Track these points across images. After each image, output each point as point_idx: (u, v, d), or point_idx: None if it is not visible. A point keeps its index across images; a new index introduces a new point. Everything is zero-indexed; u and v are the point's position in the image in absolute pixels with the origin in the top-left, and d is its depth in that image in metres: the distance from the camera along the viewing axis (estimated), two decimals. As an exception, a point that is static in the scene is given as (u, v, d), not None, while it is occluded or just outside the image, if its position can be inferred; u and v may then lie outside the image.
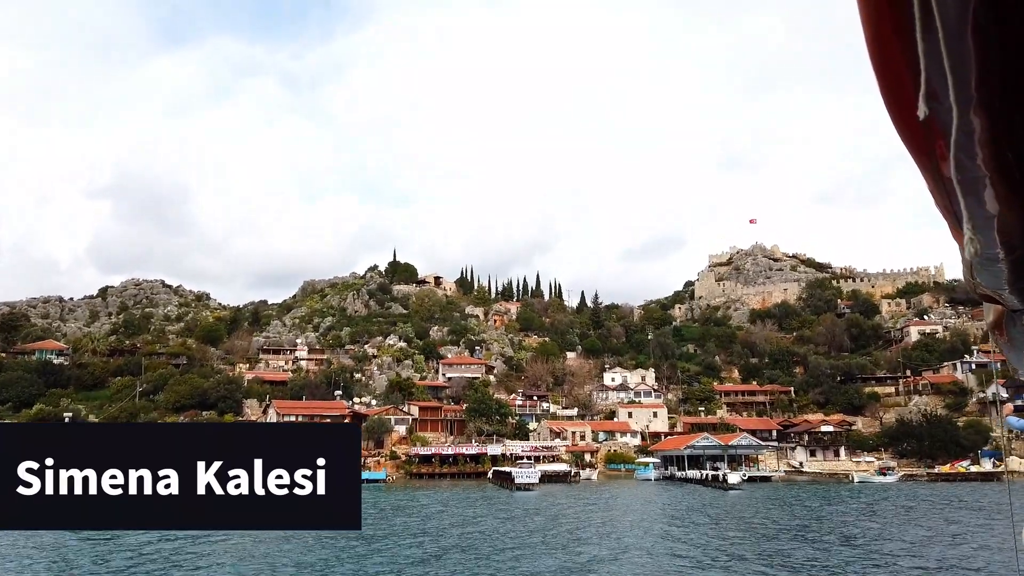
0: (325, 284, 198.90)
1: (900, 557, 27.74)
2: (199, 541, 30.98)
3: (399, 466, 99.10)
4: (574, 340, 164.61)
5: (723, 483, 69.08)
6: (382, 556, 27.93)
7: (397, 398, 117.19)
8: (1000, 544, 28.04)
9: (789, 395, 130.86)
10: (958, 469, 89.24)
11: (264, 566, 25.55)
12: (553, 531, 35.35)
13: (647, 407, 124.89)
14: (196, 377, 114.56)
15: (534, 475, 70.57)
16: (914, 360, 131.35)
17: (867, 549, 30.45)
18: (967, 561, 26.55)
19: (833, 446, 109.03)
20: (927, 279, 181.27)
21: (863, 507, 49.32)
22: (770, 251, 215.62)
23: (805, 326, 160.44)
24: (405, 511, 44.60)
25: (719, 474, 71.52)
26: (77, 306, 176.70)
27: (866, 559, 27.68)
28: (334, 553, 28.13)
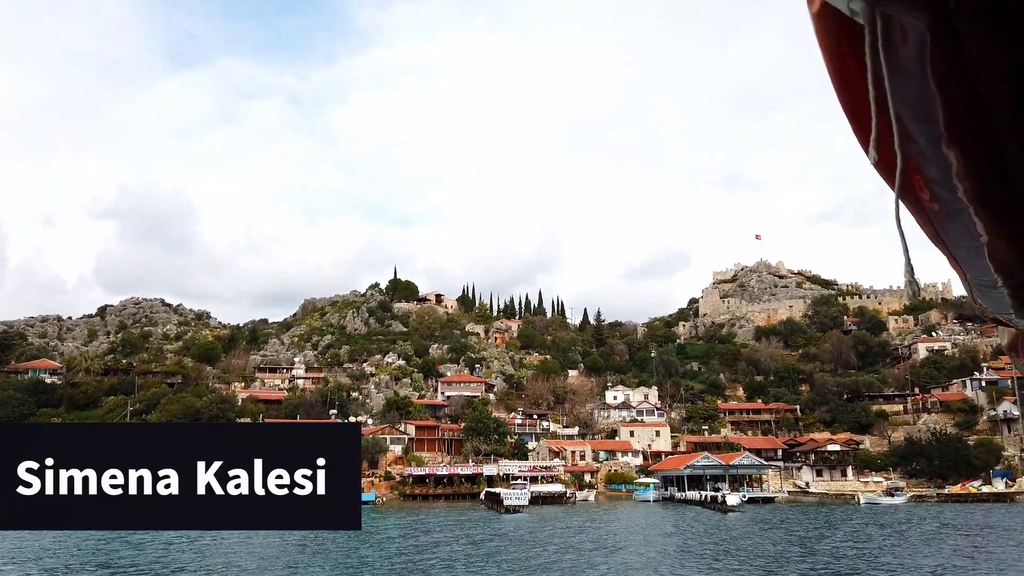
0: (326, 302, 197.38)
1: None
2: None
3: (393, 487, 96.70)
4: (576, 358, 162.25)
5: (722, 505, 66.27)
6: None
7: (394, 417, 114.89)
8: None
9: (795, 413, 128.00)
10: (969, 489, 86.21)
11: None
12: (512, 560, 32.91)
13: (649, 426, 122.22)
14: (189, 396, 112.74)
15: (524, 496, 67.80)
16: (922, 377, 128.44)
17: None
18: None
19: (840, 466, 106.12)
20: (935, 295, 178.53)
21: (884, 533, 46.66)
22: (775, 268, 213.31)
23: (811, 343, 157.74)
24: (361, 536, 41.77)
25: (718, 495, 68.71)
26: (75, 325, 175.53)
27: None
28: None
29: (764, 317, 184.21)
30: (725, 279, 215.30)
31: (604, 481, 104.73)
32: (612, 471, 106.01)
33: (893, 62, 1.33)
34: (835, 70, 1.51)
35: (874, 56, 1.33)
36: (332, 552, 34.82)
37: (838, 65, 1.50)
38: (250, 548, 35.35)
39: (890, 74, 1.34)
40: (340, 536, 37.72)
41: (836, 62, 1.49)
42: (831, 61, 1.50)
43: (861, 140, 1.57)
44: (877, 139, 1.48)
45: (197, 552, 34.83)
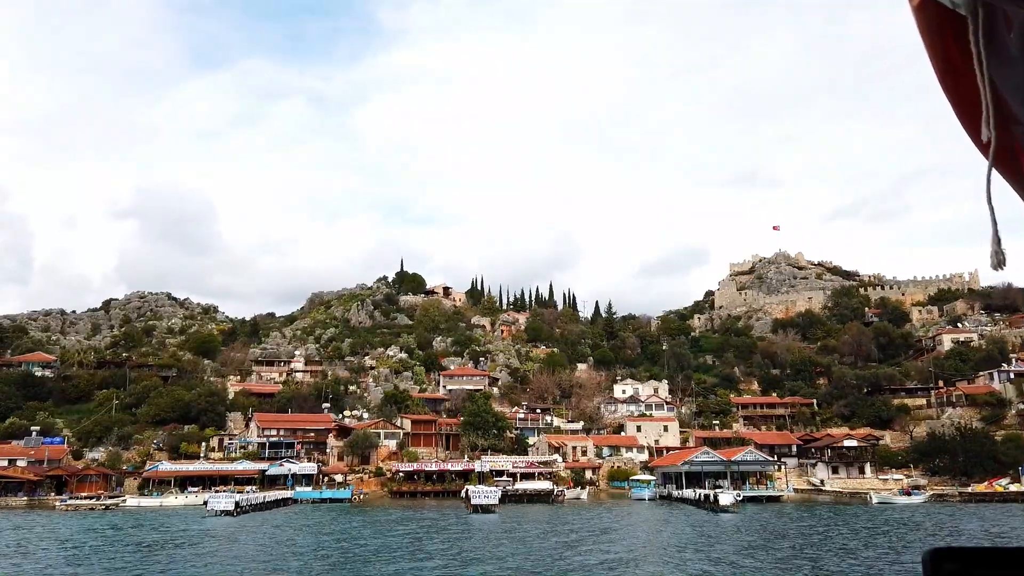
0: (333, 296, 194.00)
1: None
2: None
3: (383, 483, 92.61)
4: (585, 351, 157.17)
5: (714, 504, 60.76)
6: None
7: (391, 411, 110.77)
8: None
9: (811, 408, 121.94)
10: (996, 488, 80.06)
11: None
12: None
13: (658, 420, 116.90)
14: (179, 390, 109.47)
15: (493, 495, 62.88)
16: (947, 370, 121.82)
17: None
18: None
19: (858, 462, 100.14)
20: (961, 286, 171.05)
21: (885, 540, 41.38)
22: (794, 259, 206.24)
23: (830, 335, 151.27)
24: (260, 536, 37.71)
25: (710, 495, 63.20)
26: (79, 319, 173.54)
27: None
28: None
29: (782, 309, 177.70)
30: (743, 270, 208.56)
31: (606, 478, 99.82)
32: (615, 467, 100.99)
33: (997, 49, 1.41)
34: (938, 58, 1.58)
35: (977, 44, 1.41)
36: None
37: (941, 54, 1.57)
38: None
39: (994, 61, 1.42)
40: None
41: (939, 51, 1.56)
42: (933, 50, 1.57)
43: (965, 124, 1.63)
44: (985, 121, 1.53)
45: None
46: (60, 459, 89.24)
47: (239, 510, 62.37)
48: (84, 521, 57.26)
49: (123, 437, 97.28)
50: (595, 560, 30.91)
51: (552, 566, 28.72)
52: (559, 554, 33.06)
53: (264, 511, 67.99)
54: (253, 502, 68.32)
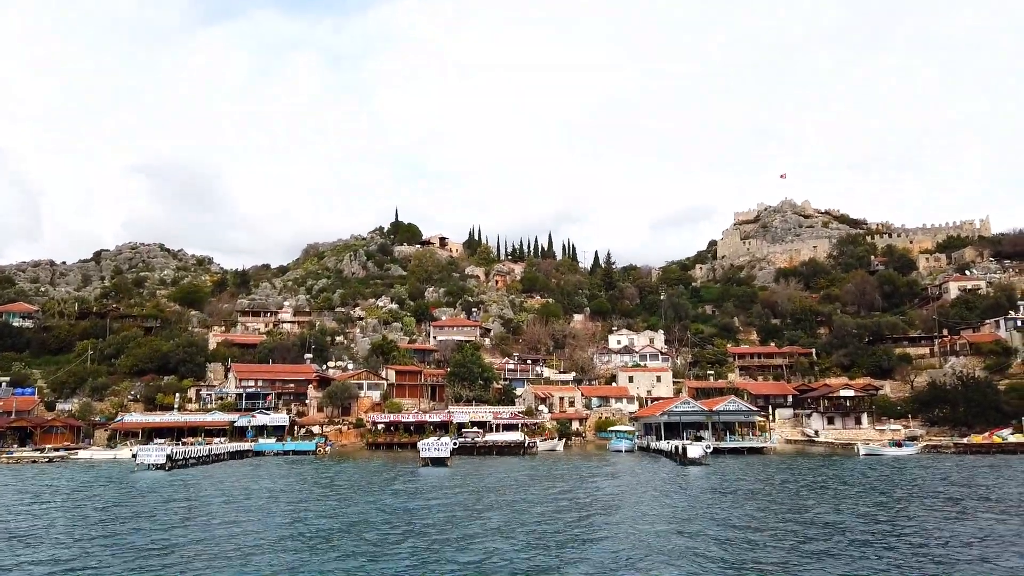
0: (327, 247, 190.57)
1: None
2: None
3: (362, 435, 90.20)
4: (582, 302, 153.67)
5: (682, 457, 57.33)
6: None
7: (376, 362, 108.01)
8: None
9: (810, 357, 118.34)
10: (995, 439, 76.55)
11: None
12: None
13: (651, 371, 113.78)
14: (157, 340, 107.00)
15: (445, 448, 59.57)
16: (952, 318, 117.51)
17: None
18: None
19: (855, 412, 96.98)
20: (971, 233, 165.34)
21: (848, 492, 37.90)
22: (800, 208, 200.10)
23: (834, 284, 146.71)
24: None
25: (679, 446, 59.70)
26: (69, 270, 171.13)
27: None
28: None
29: (786, 258, 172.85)
30: (747, 219, 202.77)
31: (594, 429, 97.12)
32: (603, 418, 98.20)
33: None
34: None
35: None
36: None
37: None
38: None
39: None
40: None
41: None
42: None
43: None
44: None
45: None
46: (30, 410, 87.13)
47: (172, 464, 57.98)
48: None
49: (97, 388, 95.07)
50: (467, 514, 27.55)
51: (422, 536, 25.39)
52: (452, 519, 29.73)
53: (207, 464, 63.41)
54: (194, 455, 63.76)
